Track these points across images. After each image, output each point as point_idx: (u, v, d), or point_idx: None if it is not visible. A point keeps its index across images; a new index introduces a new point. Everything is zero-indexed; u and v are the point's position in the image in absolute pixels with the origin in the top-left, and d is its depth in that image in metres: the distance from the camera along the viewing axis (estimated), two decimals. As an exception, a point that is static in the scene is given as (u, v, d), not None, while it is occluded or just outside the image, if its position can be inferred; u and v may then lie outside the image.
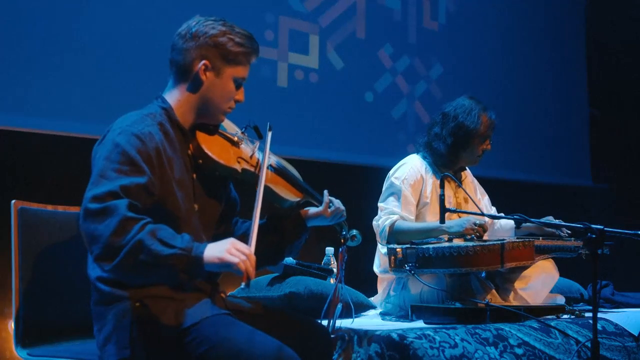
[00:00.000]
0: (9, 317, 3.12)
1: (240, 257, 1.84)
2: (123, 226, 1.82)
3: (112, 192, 1.87)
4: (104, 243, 1.82)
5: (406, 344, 2.57)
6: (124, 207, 1.85)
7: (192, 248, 1.85)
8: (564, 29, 6.44)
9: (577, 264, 3.50)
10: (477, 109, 3.45)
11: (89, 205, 1.86)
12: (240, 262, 1.84)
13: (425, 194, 3.45)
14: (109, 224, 1.83)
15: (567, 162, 6.35)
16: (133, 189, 1.91)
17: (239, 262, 1.84)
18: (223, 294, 2.24)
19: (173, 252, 1.83)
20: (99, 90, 3.67)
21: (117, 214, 1.83)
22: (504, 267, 3.11)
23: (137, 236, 1.82)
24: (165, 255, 1.82)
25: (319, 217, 2.31)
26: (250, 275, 1.85)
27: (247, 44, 2.15)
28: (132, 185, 1.91)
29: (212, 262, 1.85)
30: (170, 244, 1.84)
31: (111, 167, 1.93)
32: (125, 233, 1.82)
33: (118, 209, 1.84)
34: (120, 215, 1.83)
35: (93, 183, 1.91)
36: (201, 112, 2.16)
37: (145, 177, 1.95)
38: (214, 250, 1.86)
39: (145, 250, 1.81)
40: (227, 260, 1.84)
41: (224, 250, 1.86)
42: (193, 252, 1.84)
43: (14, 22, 3.44)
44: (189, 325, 1.97)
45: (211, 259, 1.85)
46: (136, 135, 1.99)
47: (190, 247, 1.85)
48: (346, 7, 4.88)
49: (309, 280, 3.25)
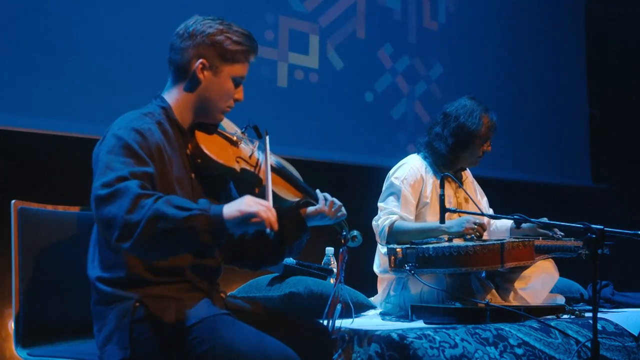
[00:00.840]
0: (9, 317, 3.12)
1: (260, 208, 1.84)
2: (136, 202, 1.80)
3: (121, 177, 1.86)
4: (120, 223, 1.80)
5: (406, 344, 2.57)
6: (135, 186, 1.84)
7: (210, 208, 1.83)
8: (563, 28, 6.45)
9: (577, 264, 3.50)
10: (479, 110, 3.45)
11: (99, 193, 1.85)
12: (261, 211, 1.83)
13: (425, 194, 3.45)
14: (122, 204, 1.81)
15: (567, 162, 6.35)
16: (141, 175, 1.90)
17: (259, 210, 1.83)
18: (223, 294, 2.24)
19: (191, 213, 1.80)
20: (99, 90, 3.67)
21: (129, 193, 1.82)
22: (504, 267, 3.11)
23: (152, 207, 1.79)
24: (184, 217, 1.79)
25: (319, 215, 2.30)
26: (272, 224, 1.84)
27: (245, 42, 2.15)
28: (139, 172, 1.91)
29: (233, 216, 1.83)
30: (188, 207, 1.82)
31: (116, 160, 1.92)
32: (139, 207, 1.80)
33: (129, 188, 1.83)
34: (132, 194, 1.82)
35: (100, 174, 1.90)
36: (200, 112, 2.16)
37: (150, 168, 1.95)
38: (232, 206, 1.84)
39: (163, 218, 1.79)
40: (248, 210, 1.83)
41: (243, 203, 1.85)
42: (212, 211, 1.83)
43: (14, 22, 3.44)
44: (189, 325, 1.96)
45: (232, 213, 1.83)
46: (136, 130, 1.99)
47: (208, 207, 1.83)
48: (346, 7, 4.88)
49: (309, 280, 3.25)
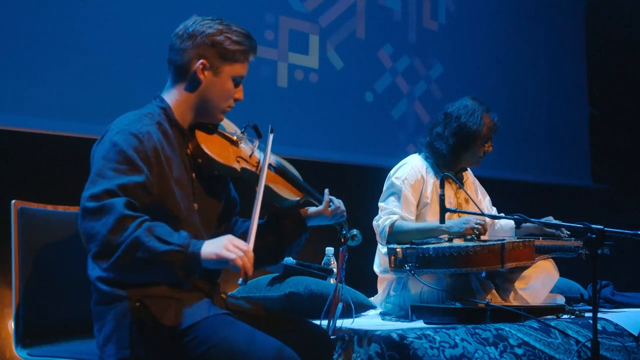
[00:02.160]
0: (9, 317, 3.12)
1: (237, 253, 1.84)
2: (120, 224, 1.83)
3: (110, 191, 1.88)
4: (101, 241, 1.83)
5: (406, 344, 2.57)
6: (121, 205, 1.85)
7: (189, 244, 1.85)
8: (563, 28, 6.45)
9: (577, 264, 3.50)
10: (480, 110, 3.44)
11: (86, 204, 1.87)
12: (237, 258, 1.83)
13: (425, 194, 3.45)
14: (106, 222, 1.83)
15: (567, 162, 6.35)
16: (131, 188, 1.91)
17: (236, 257, 1.84)
18: (223, 294, 2.24)
19: (170, 248, 1.83)
20: (99, 90, 3.67)
21: (115, 212, 1.84)
22: (504, 267, 3.11)
23: (134, 234, 1.82)
24: (162, 251, 1.82)
25: (319, 216, 2.30)
26: (247, 271, 1.84)
27: (245, 42, 2.15)
28: (129, 183, 1.91)
29: (209, 258, 1.85)
30: (167, 241, 1.84)
31: (108, 167, 1.93)
32: (122, 230, 1.82)
33: (115, 207, 1.85)
34: (117, 213, 1.84)
35: (91, 182, 1.92)
36: (200, 112, 2.16)
37: (143, 176, 1.95)
38: (211, 247, 1.86)
39: (142, 248, 1.82)
40: (224, 256, 1.84)
41: (221, 246, 1.86)
42: (190, 248, 1.85)
43: (14, 22, 3.44)
44: (189, 325, 1.97)
45: (208, 255, 1.85)
46: (134, 134, 1.99)
47: (187, 244, 1.85)
48: (346, 7, 4.88)
49: (309, 280, 3.25)
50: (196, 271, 1.89)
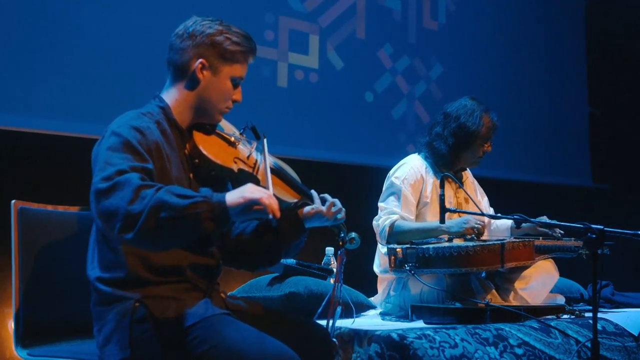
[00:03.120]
0: (9, 317, 3.12)
1: (262, 194, 1.87)
2: (137, 193, 1.80)
3: (121, 170, 1.86)
4: (122, 214, 1.79)
5: (406, 344, 2.57)
6: (136, 178, 1.84)
7: (212, 195, 1.85)
8: (563, 28, 6.44)
9: (577, 264, 3.50)
10: (479, 110, 3.44)
11: (98, 186, 1.84)
12: (263, 197, 1.86)
13: (425, 194, 3.45)
14: (123, 196, 1.81)
15: (567, 162, 6.35)
16: (141, 170, 1.90)
17: (262, 197, 1.86)
18: (223, 294, 2.24)
19: (194, 200, 1.81)
20: (99, 90, 3.67)
21: (130, 184, 1.82)
22: (504, 267, 3.11)
23: (154, 197, 1.79)
24: (186, 204, 1.80)
25: (317, 216, 2.29)
26: (274, 211, 1.87)
27: (244, 43, 2.15)
28: (139, 167, 1.90)
29: (236, 202, 1.84)
30: (190, 195, 1.83)
31: (116, 155, 1.92)
32: (141, 198, 1.80)
33: (130, 180, 1.83)
34: (133, 185, 1.82)
35: (100, 170, 1.89)
36: (198, 112, 2.16)
37: (150, 164, 1.95)
38: (235, 193, 1.87)
39: (166, 206, 1.79)
40: (250, 197, 1.85)
41: (245, 190, 1.87)
42: (214, 198, 1.84)
43: (14, 22, 3.45)
44: (189, 325, 1.97)
45: (234, 200, 1.84)
46: (136, 128, 1.99)
47: (210, 195, 1.85)
48: (346, 7, 4.88)
49: (309, 280, 3.25)
50: (225, 221, 1.85)
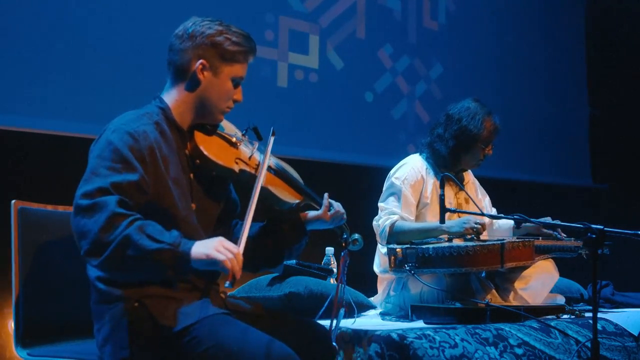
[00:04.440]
0: (9, 317, 3.12)
1: (227, 255, 1.85)
2: (111, 222, 1.83)
3: (102, 189, 1.88)
4: (92, 238, 1.83)
5: (406, 344, 2.57)
6: (113, 203, 1.86)
7: (179, 244, 1.86)
8: (563, 28, 6.44)
9: (577, 264, 3.50)
10: (482, 114, 3.43)
11: (79, 202, 1.88)
12: (226, 260, 1.84)
13: (425, 195, 3.44)
14: (97, 219, 1.84)
15: (567, 162, 6.35)
16: (124, 186, 1.91)
17: (225, 259, 1.85)
18: (223, 294, 2.24)
19: (160, 246, 1.83)
20: (99, 90, 3.67)
21: (106, 210, 1.84)
22: (504, 267, 3.11)
23: (125, 231, 1.82)
24: (152, 249, 1.83)
25: (319, 220, 2.30)
26: (236, 274, 1.85)
27: (244, 43, 2.16)
28: (123, 182, 1.92)
29: (199, 258, 1.86)
30: (158, 239, 1.84)
31: (103, 165, 1.93)
32: (113, 228, 1.83)
33: (107, 205, 1.85)
34: (109, 211, 1.84)
35: (84, 180, 1.92)
36: (199, 112, 2.16)
37: (137, 175, 1.95)
38: (201, 247, 1.87)
39: (133, 245, 1.82)
40: (214, 257, 1.85)
41: (212, 247, 1.87)
42: (180, 247, 1.85)
43: (14, 22, 3.44)
44: (188, 325, 1.97)
45: (198, 255, 1.86)
46: (129, 133, 2.00)
47: (178, 243, 1.86)
48: (346, 7, 4.88)
49: (309, 280, 3.25)
50: (186, 271, 1.89)
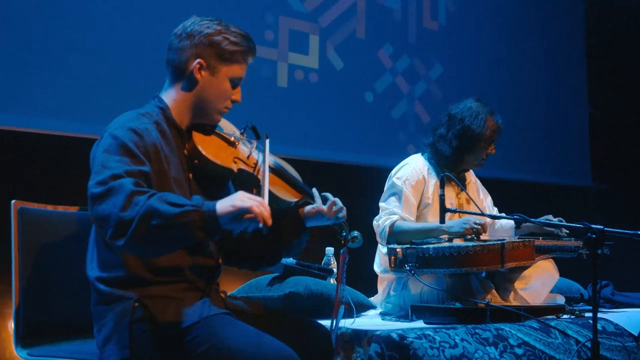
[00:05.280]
0: (9, 317, 3.12)
1: (253, 202, 1.83)
2: (130, 199, 1.81)
3: (116, 175, 1.87)
4: (114, 220, 1.81)
5: (406, 344, 2.57)
6: (129, 184, 1.85)
7: (203, 204, 1.83)
8: (563, 28, 6.44)
9: (577, 264, 3.50)
10: (484, 113, 3.43)
11: (93, 191, 1.86)
12: (254, 206, 1.82)
13: (427, 195, 3.44)
14: (116, 201, 1.82)
15: (567, 162, 6.35)
16: (137, 174, 1.90)
17: (253, 205, 1.82)
18: (223, 294, 2.24)
19: (184, 209, 1.81)
20: (99, 90, 3.67)
21: (123, 191, 1.83)
22: (504, 267, 3.11)
23: (146, 204, 1.80)
24: (177, 213, 1.80)
25: (318, 215, 2.29)
26: (266, 219, 1.83)
27: (243, 43, 2.15)
28: (135, 170, 1.91)
29: (226, 211, 1.82)
30: (180, 204, 1.82)
31: (112, 158, 1.92)
32: (133, 204, 1.80)
33: (123, 186, 1.84)
34: (126, 191, 1.83)
35: (95, 172, 1.91)
36: (197, 112, 2.16)
37: (147, 167, 1.95)
38: (225, 202, 1.84)
39: (156, 214, 1.79)
40: (240, 205, 1.82)
41: (236, 198, 1.84)
42: (205, 207, 1.83)
43: (14, 22, 3.44)
44: (189, 325, 1.97)
45: (225, 209, 1.82)
46: (133, 130, 2.00)
47: (201, 204, 1.83)
48: (346, 7, 4.88)
49: (309, 280, 3.25)
50: (215, 230, 1.84)
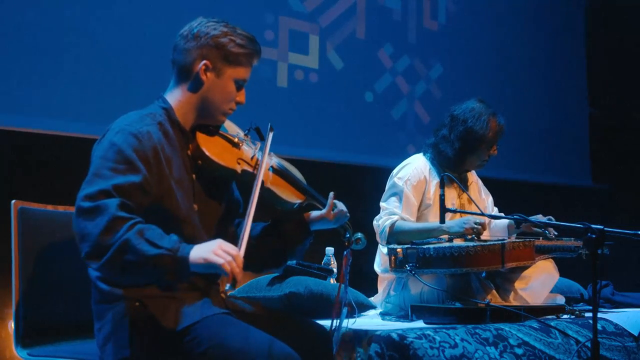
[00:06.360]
0: (9, 317, 3.12)
1: (226, 258, 1.85)
2: (112, 225, 1.84)
3: (104, 191, 1.89)
4: (92, 241, 1.84)
5: (406, 344, 2.56)
6: (114, 207, 1.86)
7: (178, 249, 1.86)
8: (563, 29, 6.45)
9: (577, 264, 3.50)
10: (487, 114, 3.42)
11: (81, 204, 1.88)
12: (225, 263, 1.84)
13: (428, 196, 3.44)
14: (98, 222, 1.84)
15: (567, 162, 6.35)
16: (127, 188, 1.91)
17: (224, 262, 1.84)
18: (223, 294, 2.24)
19: (159, 252, 1.84)
20: (99, 90, 3.67)
21: (107, 213, 1.85)
22: (505, 267, 3.11)
23: (124, 236, 1.83)
24: (151, 255, 1.83)
25: (322, 220, 2.30)
26: (236, 276, 1.85)
27: (249, 45, 2.16)
28: (126, 184, 1.92)
29: (198, 262, 1.86)
30: (157, 244, 1.85)
31: (106, 166, 1.94)
32: (113, 232, 1.83)
33: (108, 208, 1.86)
34: (110, 215, 1.85)
35: (87, 182, 1.93)
36: (201, 113, 2.17)
37: (140, 176, 1.95)
38: (200, 251, 1.87)
39: (132, 250, 1.83)
40: (212, 260, 1.85)
41: (210, 250, 1.86)
42: (179, 252, 1.85)
43: (14, 22, 3.44)
44: (189, 324, 1.97)
45: (197, 260, 1.86)
46: (133, 134, 2.00)
47: (176, 248, 1.86)
48: (346, 7, 4.88)
49: (309, 280, 3.25)
50: (185, 275, 1.89)
